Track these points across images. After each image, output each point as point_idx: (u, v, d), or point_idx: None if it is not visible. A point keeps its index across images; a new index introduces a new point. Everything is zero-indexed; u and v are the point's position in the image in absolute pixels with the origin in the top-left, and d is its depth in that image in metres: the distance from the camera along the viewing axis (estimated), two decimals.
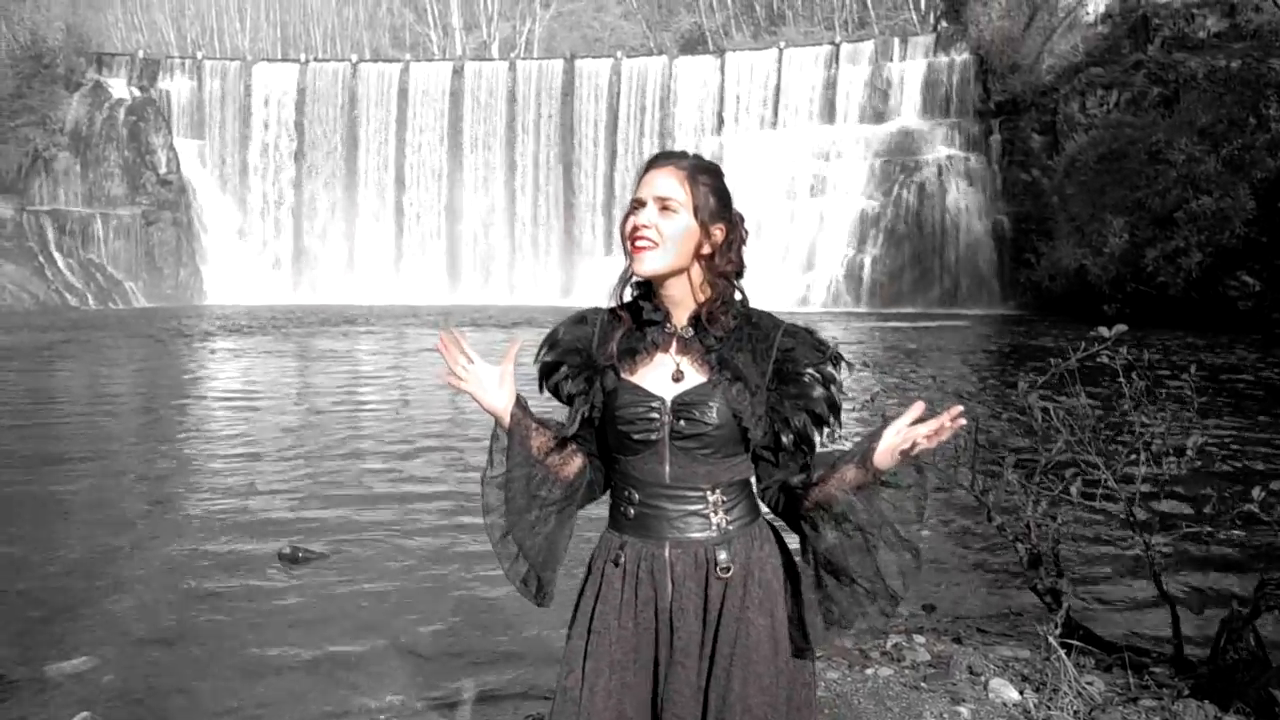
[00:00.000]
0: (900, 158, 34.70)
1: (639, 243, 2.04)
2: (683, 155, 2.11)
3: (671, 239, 2.02)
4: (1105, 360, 3.55)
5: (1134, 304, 24.87)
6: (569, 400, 2.13)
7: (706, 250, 2.05)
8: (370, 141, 40.19)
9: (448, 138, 39.79)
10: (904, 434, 1.87)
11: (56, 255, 35.57)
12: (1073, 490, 3.63)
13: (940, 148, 34.58)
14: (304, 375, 16.29)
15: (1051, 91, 32.25)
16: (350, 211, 40.06)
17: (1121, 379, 3.53)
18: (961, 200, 33.65)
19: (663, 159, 2.09)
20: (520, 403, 2.05)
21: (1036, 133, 32.76)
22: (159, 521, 6.82)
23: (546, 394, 2.14)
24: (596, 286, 37.62)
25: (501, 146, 39.69)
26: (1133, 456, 3.57)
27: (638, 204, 2.06)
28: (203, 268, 38.74)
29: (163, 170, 37.92)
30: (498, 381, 2.03)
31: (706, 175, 2.07)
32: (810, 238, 34.83)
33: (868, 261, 34.31)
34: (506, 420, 2.03)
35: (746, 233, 2.15)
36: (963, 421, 1.86)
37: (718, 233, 2.06)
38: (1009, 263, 32.50)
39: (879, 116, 36.02)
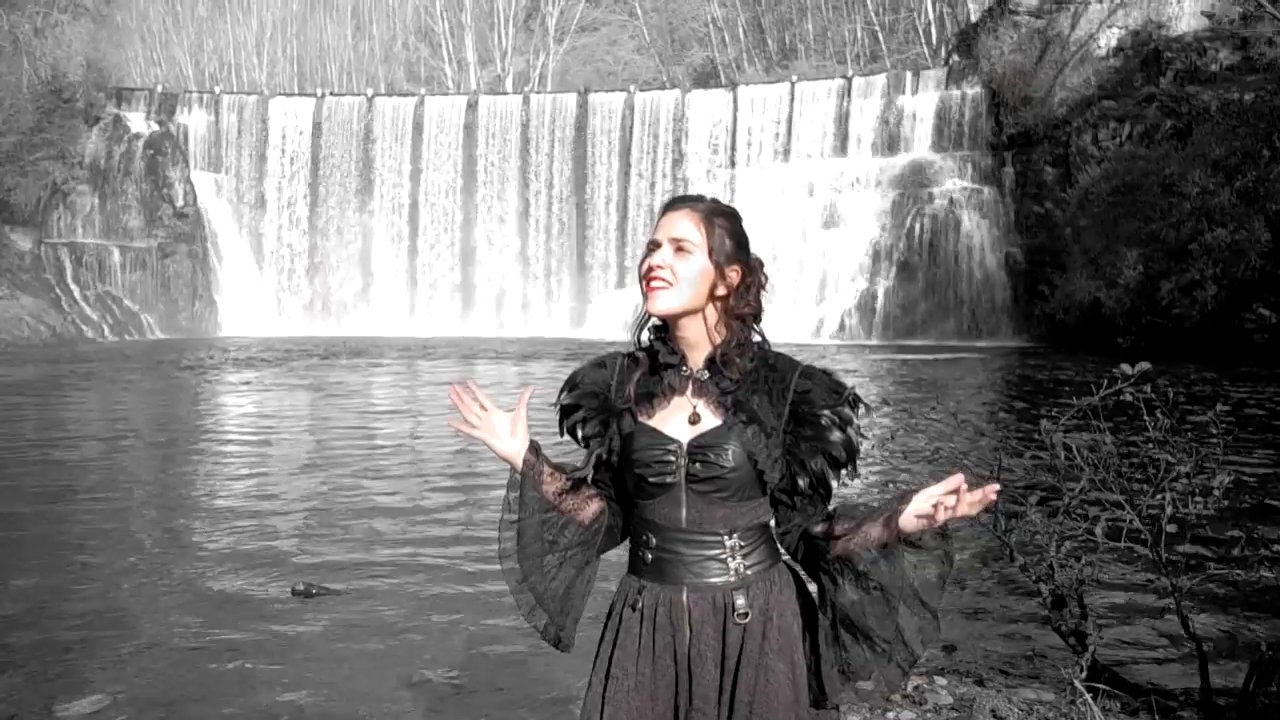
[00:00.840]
0: (913, 190, 34.74)
1: (653, 283, 2.06)
2: (699, 199, 2.12)
3: (686, 279, 2.04)
4: (1128, 398, 3.50)
5: (1149, 336, 24.74)
6: (586, 443, 2.14)
7: (721, 292, 2.06)
8: (385, 174, 40.49)
9: (462, 170, 40.06)
10: (936, 501, 1.86)
11: (73, 287, 35.84)
12: (1097, 530, 3.57)
13: (953, 180, 34.62)
14: (317, 409, 16.31)
15: (1064, 124, 32.28)
16: (365, 243, 40.30)
17: (1146, 417, 3.48)
18: (975, 232, 33.64)
19: (679, 202, 2.11)
20: (534, 448, 2.07)
21: (1049, 165, 32.77)
22: (171, 557, 6.79)
23: (565, 436, 2.14)
24: (608, 318, 37.69)
25: (515, 179, 39.93)
26: (1158, 496, 3.52)
27: (653, 245, 2.07)
28: (218, 299, 38.98)
29: (179, 203, 38.25)
30: (509, 428, 2.05)
31: (722, 218, 2.08)
32: (823, 269, 34.84)
33: (881, 293, 34.27)
34: (520, 465, 2.05)
35: (766, 278, 2.15)
36: (995, 499, 1.87)
37: (733, 275, 2.06)
38: (1023, 295, 32.42)
39: (891, 149, 36.11)
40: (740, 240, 2.09)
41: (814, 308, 33.70)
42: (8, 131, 34.31)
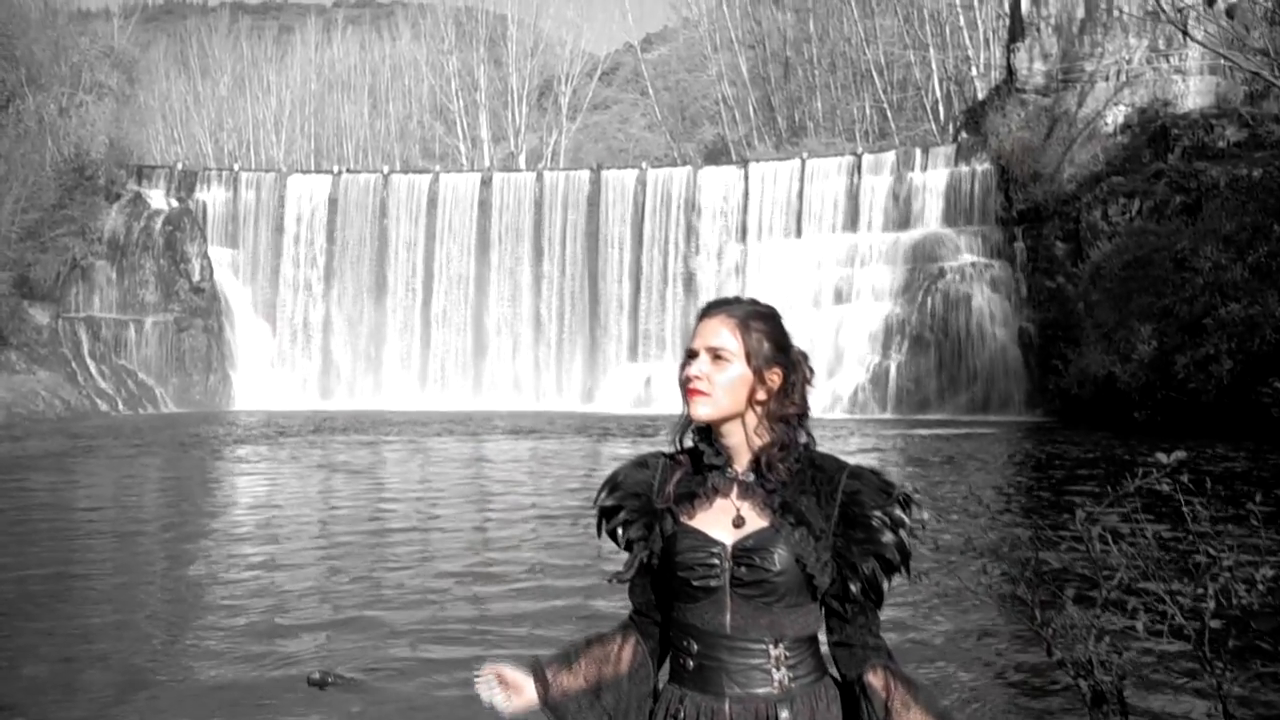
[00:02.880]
0: (924, 265, 34.91)
1: (692, 393, 2.05)
2: (736, 302, 2.12)
3: (724, 387, 2.03)
4: (1164, 487, 3.44)
5: (1165, 411, 24.59)
6: (629, 546, 2.12)
7: (762, 396, 2.05)
8: (399, 250, 40.90)
9: (475, 246, 40.45)
10: None
11: (89, 361, 36.07)
12: (1138, 625, 3.48)
13: (964, 255, 34.78)
14: (327, 489, 16.24)
15: (1073, 200, 32.51)
16: (379, 318, 40.56)
17: (1184, 509, 3.42)
18: (987, 307, 33.70)
19: (715, 308, 2.10)
20: (539, 676, 2.08)
21: (1060, 240, 32.92)
22: (181, 644, 6.68)
23: (605, 538, 2.16)
24: (620, 393, 37.73)
25: (528, 254, 40.29)
26: (1200, 590, 3.43)
27: (691, 354, 2.07)
28: (232, 374, 39.16)
29: (196, 278, 38.65)
30: (517, 692, 2.08)
31: (760, 321, 2.07)
32: (836, 344, 34.87)
33: (894, 368, 34.24)
34: (538, 696, 2.08)
35: (811, 371, 2.13)
36: None
37: (774, 378, 2.05)
38: (1036, 369, 32.34)
39: (902, 224, 36.38)
40: (779, 342, 2.07)
41: (827, 382, 33.66)
42: (30, 208, 34.86)
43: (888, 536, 1.99)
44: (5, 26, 37.30)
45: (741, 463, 2.06)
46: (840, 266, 36.31)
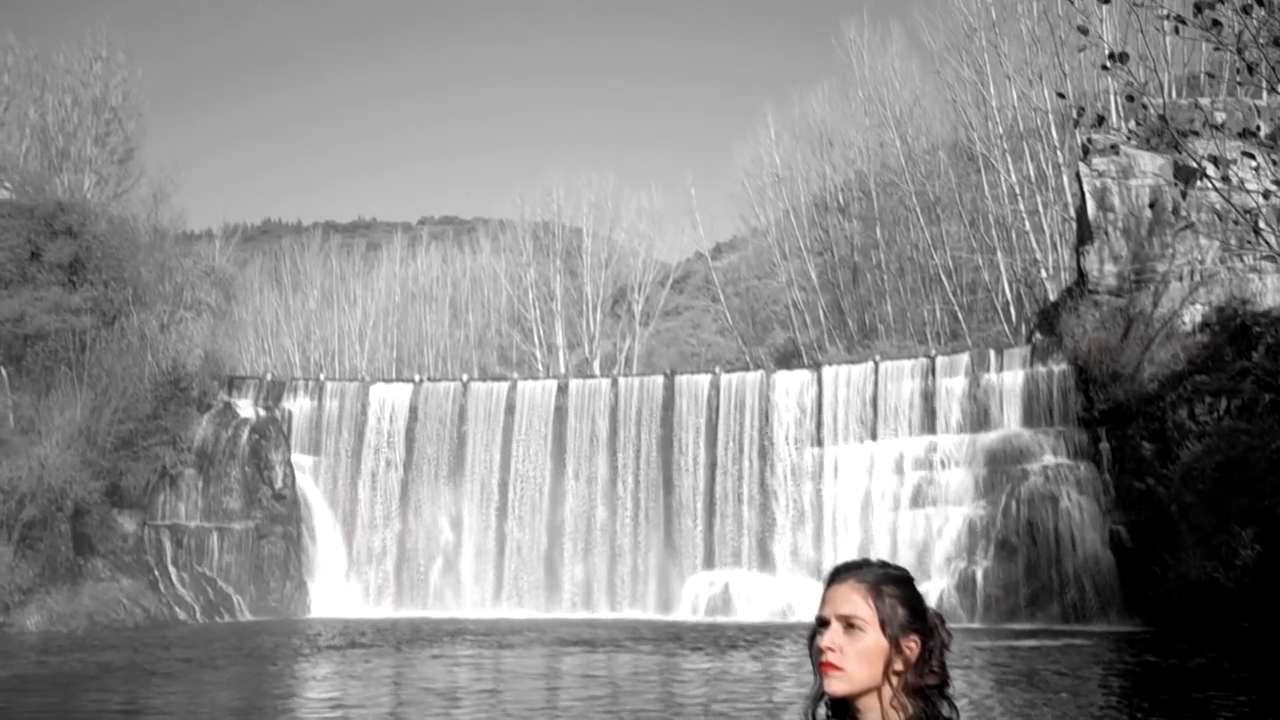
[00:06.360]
0: (1005, 466, 34.22)
1: (826, 667, 1.96)
2: (865, 566, 2.05)
3: (858, 659, 1.94)
4: None
5: (1273, 618, 23.18)
6: None
7: (899, 667, 1.95)
8: (476, 456, 41.38)
9: (551, 453, 40.76)
10: None
11: (171, 569, 36.51)
12: None
13: (1047, 456, 34.06)
14: (399, 706, 15.86)
15: (1157, 399, 31.91)
16: (455, 526, 40.65)
17: None
18: (1074, 510, 32.65)
19: (845, 572, 2.04)
20: None
21: (1146, 440, 32.13)
22: None
23: None
24: (696, 601, 36.85)
25: (604, 459, 40.41)
26: None
27: (822, 623, 1.98)
28: (309, 582, 39.25)
29: (278, 485, 39.40)
30: None
31: (892, 586, 2.00)
32: (918, 550, 33.93)
33: (980, 574, 33.05)
34: None
35: (950, 635, 2.04)
36: None
37: (911, 646, 1.96)
38: (1131, 575, 30.95)
39: (980, 426, 35.92)
40: (915, 607, 2.00)
41: None
42: (126, 419, 36.22)
43: None
44: (117, 250, 39.89)
45: None
46: (918, 469, 35.76)
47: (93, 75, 47.10)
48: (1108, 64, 5.56)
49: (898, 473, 35.95)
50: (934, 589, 32.99)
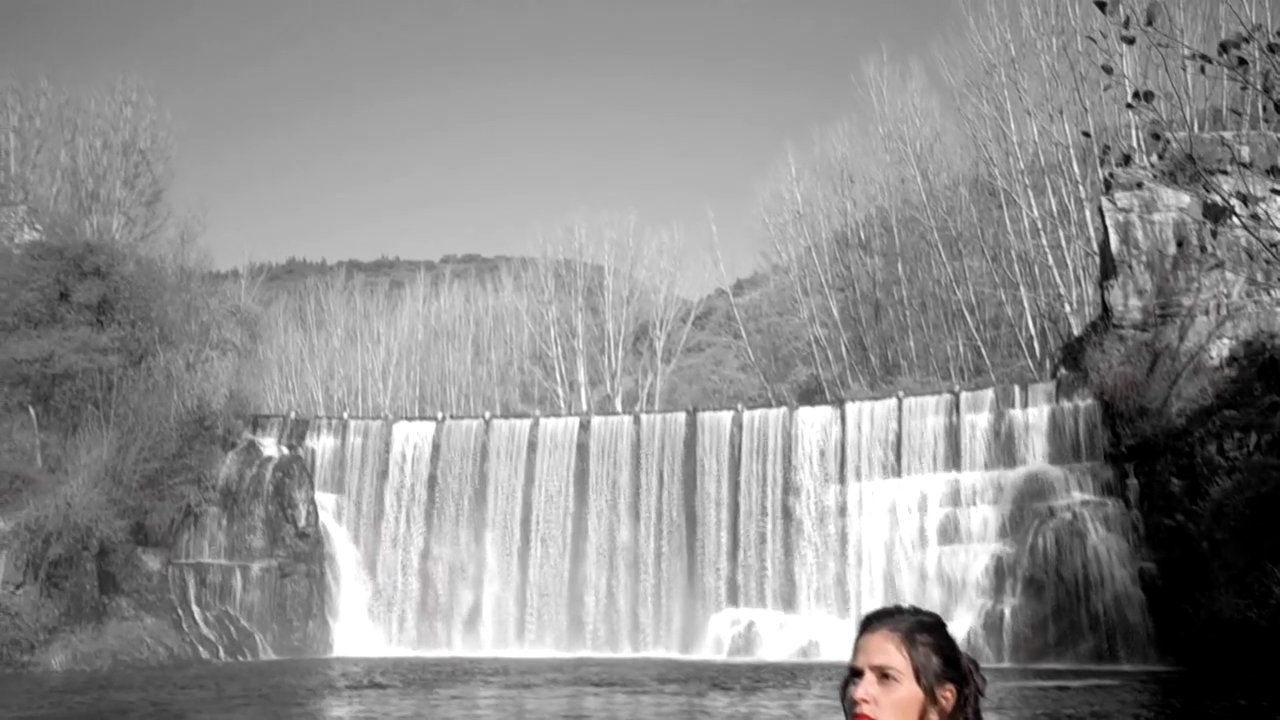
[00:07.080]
0: (1031, 503, 33.85)
1: (860, 717, 1.93)
2: (898, 613, 2.02)
3: (893, 710, 1.91)
4: None
5: None
6: None
7: (934, 717, 1.91)
8: (499, 494, 41.34)
9: (574, 490, 40.68)
10: None
11: (195, 608, 36.52)
12: None
13: (1074, 492, 33.66)
14: None
15: (1185, 435, 31.51)
16: (477, 564, 40.54)
17: None
18: (1102, 547, 32.21)
19: (877, 620, 2.01)
20: None
21: (1174, 476, 31.71)
22: None
23: None
24: (720, 639, 36.51)
25: (626, 496, 40.29)
26: None
27: (855, 673, 1.96)
28: (331, 621, 39.17)
29: (301, 523, 39.43)
30: None
31: (925, 634, 1.97)
32: (944, 587, 33.54)
33: (1007, 612, 32.61)
34: None
35: (984, 681, 2.00)
36: None
37: (947, 696, 1.93)
38: (1162, 614, 30.44)
39: (1005, 462, 35.60)
40: (949, 655, 1.97)
41: None
42: (152, 458, 36.44)
43: None
44: (145, 290, 40.34)
45: None
46: (943, 506, 35.44)
47: (123, 119, 47.93)
48: (1132, 102, 5.56)
49: (922, 510, 35.62)
50: (961, 627, 32.55)
